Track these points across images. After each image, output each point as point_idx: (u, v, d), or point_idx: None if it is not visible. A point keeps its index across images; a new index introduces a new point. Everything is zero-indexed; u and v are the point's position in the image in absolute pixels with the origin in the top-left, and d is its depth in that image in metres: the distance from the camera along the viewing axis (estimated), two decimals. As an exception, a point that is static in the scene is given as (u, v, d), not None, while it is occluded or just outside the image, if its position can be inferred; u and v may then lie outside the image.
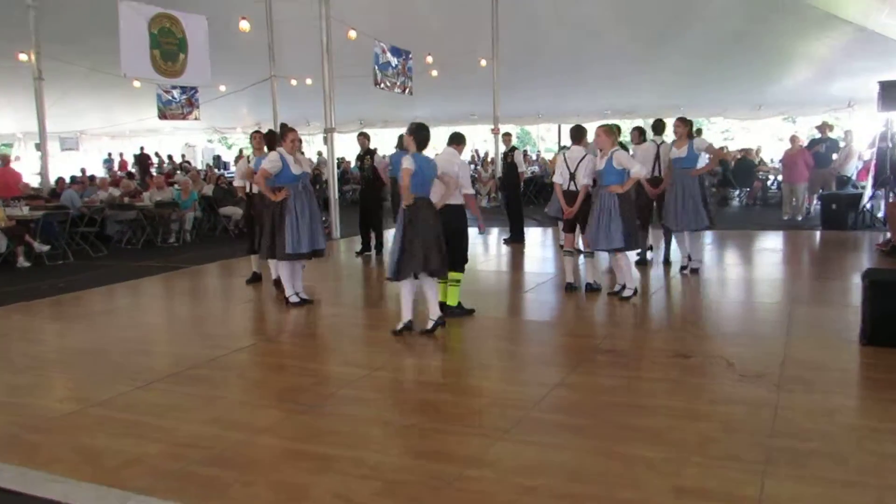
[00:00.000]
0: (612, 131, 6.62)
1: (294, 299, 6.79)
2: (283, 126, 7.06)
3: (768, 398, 3.96)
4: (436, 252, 5.41)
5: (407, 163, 5.39)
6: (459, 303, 6.12)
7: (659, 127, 8.34)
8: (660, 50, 16.58)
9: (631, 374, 4.57)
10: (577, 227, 7.03)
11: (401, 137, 9.29)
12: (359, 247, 10.15)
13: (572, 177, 6.84)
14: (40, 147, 13.57)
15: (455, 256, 5.90)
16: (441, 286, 6.05)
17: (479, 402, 4.15)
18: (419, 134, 5.49)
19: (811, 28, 14.68)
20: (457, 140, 6.11)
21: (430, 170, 5.52)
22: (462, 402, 4.19)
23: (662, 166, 8.01)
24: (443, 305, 6.06)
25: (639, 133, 9.01)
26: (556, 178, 7.02)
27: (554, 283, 7.70)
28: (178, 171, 19.87)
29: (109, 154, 24.68)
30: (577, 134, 6.99)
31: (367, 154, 9.92)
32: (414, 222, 5.40)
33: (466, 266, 6.17)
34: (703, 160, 7.92)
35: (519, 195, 10.99)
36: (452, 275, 5.99)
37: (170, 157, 24.45)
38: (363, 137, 10.05)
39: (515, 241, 10.68)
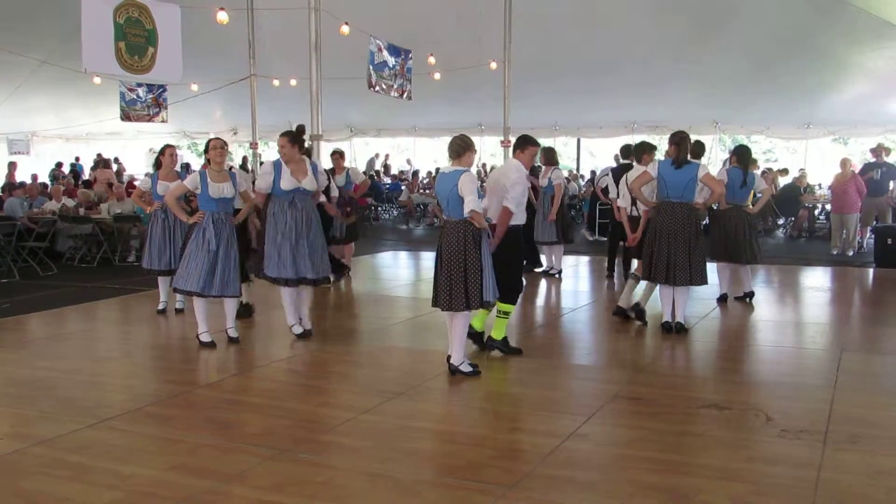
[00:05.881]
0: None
1: (297, 330, 6.90)
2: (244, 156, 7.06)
3: (811, 458, 3.98)
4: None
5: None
6: (505, 338, 6.19)
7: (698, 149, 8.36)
8: (694, 55, 16.78)
9: (655, 425, 4.59)
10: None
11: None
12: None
13: (634, 200, 7.18)
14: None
15: (504, 283, 5.80)
16: (483, 313, 6.13)
17: (480, 454, 4.17)
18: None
19: (866, 36, 14.88)
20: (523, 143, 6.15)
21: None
22: (460, 452, 4.21)
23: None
24: (481, 337, 6.20)
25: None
26: (621, 203, 7.49)
27: (572, 318, 7.76)
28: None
29: (58, 164, 23.45)
30: (641, 151, 7.48)
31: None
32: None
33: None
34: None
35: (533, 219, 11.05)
36: (501, 306, 6.01)
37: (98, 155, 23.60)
38: (338, 156, 10.28)
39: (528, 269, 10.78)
